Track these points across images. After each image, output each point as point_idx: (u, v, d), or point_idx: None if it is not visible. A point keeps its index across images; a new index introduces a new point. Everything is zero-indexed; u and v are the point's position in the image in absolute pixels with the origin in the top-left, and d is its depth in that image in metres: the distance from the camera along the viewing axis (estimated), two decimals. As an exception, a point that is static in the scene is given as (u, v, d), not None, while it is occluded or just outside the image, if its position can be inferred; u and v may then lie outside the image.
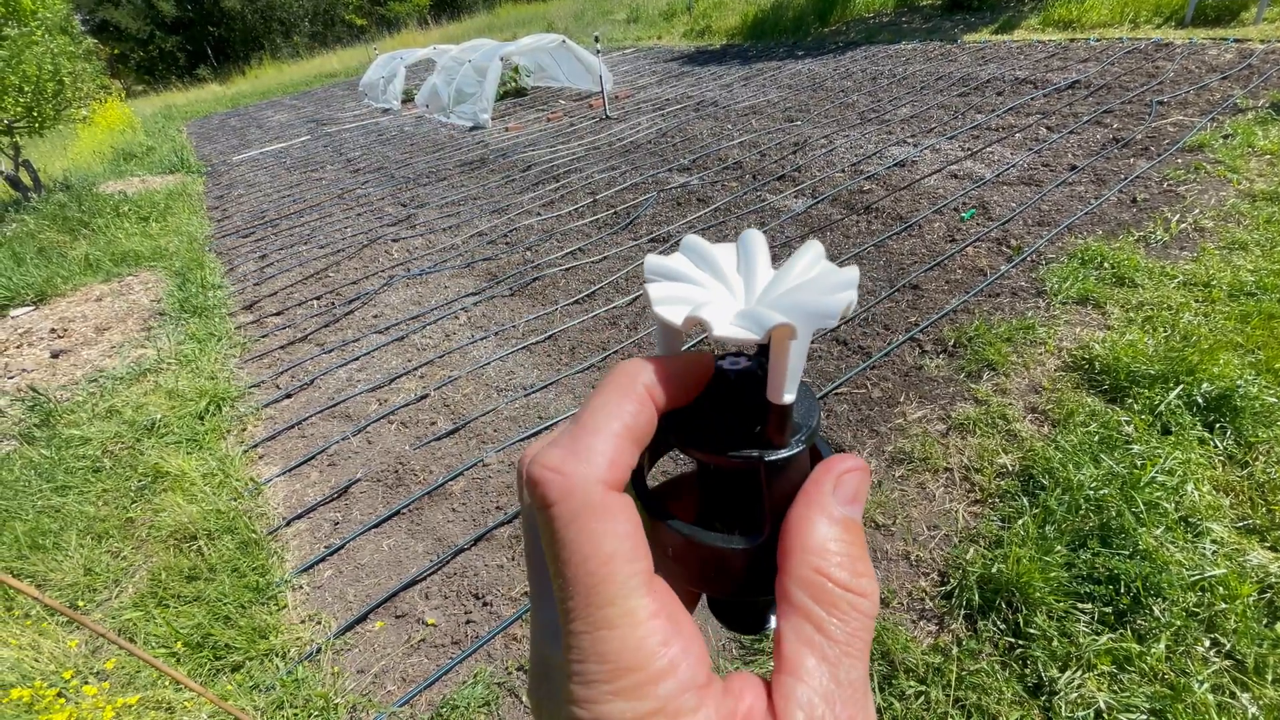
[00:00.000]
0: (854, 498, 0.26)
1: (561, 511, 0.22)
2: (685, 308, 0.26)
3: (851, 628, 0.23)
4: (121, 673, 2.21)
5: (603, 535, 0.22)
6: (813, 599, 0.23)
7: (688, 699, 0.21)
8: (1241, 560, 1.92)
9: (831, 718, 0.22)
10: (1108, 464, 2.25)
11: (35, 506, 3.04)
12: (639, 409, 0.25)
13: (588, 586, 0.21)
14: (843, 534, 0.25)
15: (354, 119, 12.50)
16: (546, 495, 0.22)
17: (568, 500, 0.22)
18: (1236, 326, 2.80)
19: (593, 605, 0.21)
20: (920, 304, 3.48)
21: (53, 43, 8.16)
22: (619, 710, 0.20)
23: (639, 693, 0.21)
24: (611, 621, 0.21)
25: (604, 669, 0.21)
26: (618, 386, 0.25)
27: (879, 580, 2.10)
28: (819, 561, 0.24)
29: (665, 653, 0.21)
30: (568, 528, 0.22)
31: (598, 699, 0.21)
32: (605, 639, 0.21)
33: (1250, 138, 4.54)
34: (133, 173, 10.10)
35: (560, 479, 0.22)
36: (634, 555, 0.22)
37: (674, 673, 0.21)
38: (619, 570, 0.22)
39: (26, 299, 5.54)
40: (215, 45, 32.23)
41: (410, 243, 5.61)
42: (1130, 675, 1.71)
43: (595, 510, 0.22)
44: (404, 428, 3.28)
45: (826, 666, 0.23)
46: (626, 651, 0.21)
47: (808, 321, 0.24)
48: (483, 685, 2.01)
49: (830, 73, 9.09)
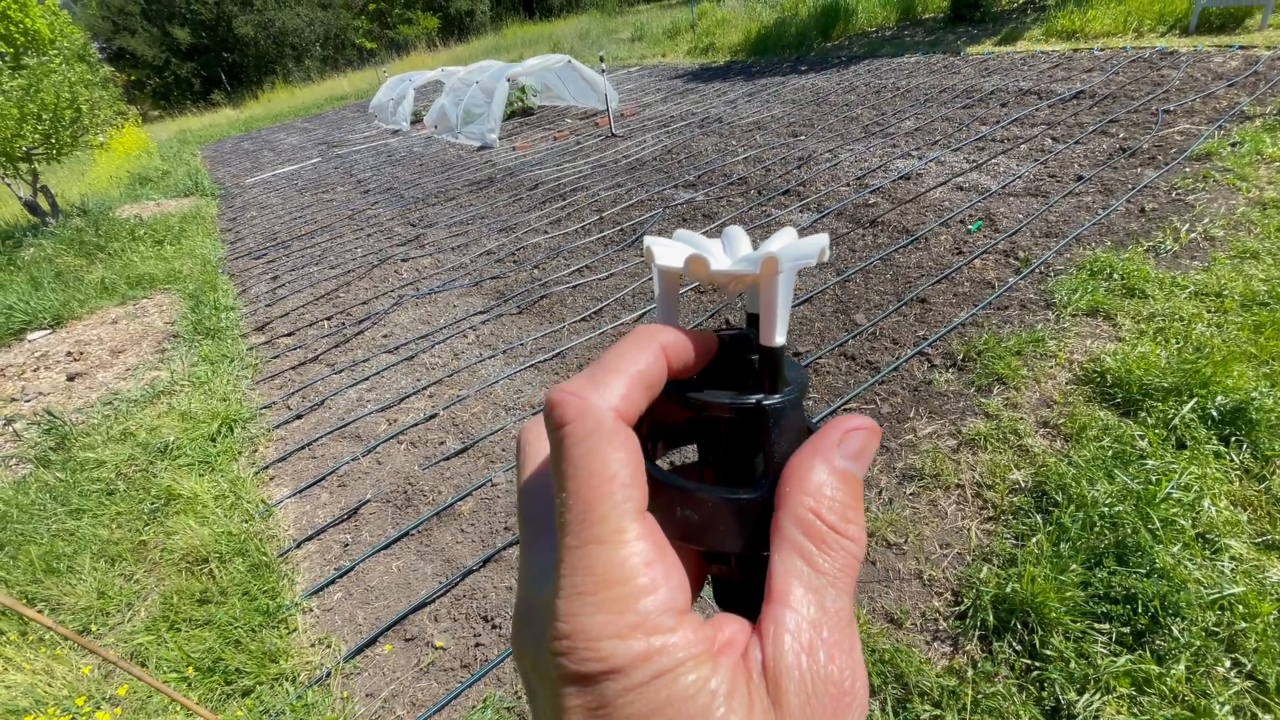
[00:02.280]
0: (858, 454, 0.26)
1: (575, 429, 0.23)
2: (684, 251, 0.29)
3: (838, 564, 0.24)
4: (134, 697, 2.21)
5: (608, 456, 0.23)
6: (804, 534, 0.24)
7: (666, 618, 0.22)
8: (1261, 577, 1.89)
9: (818, 641, 0.23)
10: (1122, 479, 2.22)
11: (50, 530, 3.07)
12: (653, 360, 0.26)
13: (587, 502, 0.22)
14: (840, 483, 0.25)
15: (364, 140, 12.69)
16: (564, 414, 0.24)
17: (582, 419, 0.23)
18: (1250, 337, 2.77)
19: (588, 521, 0.22)
20: (928, 317, 3.47)
21: (70, 71, 8.37)
22: (599, 622, 0.21)
23: (620, 605, 0.21)
24: (602, 537, 0.22)
25: (589, 581, 0.22)
26: (636, 340, 0.27)
27: (891, 598, 2.08)
28: (813, 503, 0.25)
29: (648, 573, 0.22)
30: (578, 445, 0.23)
31: (581, 611, 0.21)
32: (594, 553, 0.22)
33: (1259, 145, 4.51)
34: (148, 197, 10.29)
35: (578, 401, 0.24)
36: (632, 481, 0.23)
37: (654, 591, 0.22)
38: (616, 491, 0.23)
39: (44, 322, 5.63)
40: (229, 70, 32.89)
41: (419, 262, 5.67)
42: (1150, 697, 1.68)
43: (605, 432, 0.23)
44: (413, 448, 3.29)
45: (813, 595, 0.24)
46: (612, 566, 0.22)
47: (791, 260, 0.27)
48: (492, 710, 2.00)
49: (834, 87, 9.14)
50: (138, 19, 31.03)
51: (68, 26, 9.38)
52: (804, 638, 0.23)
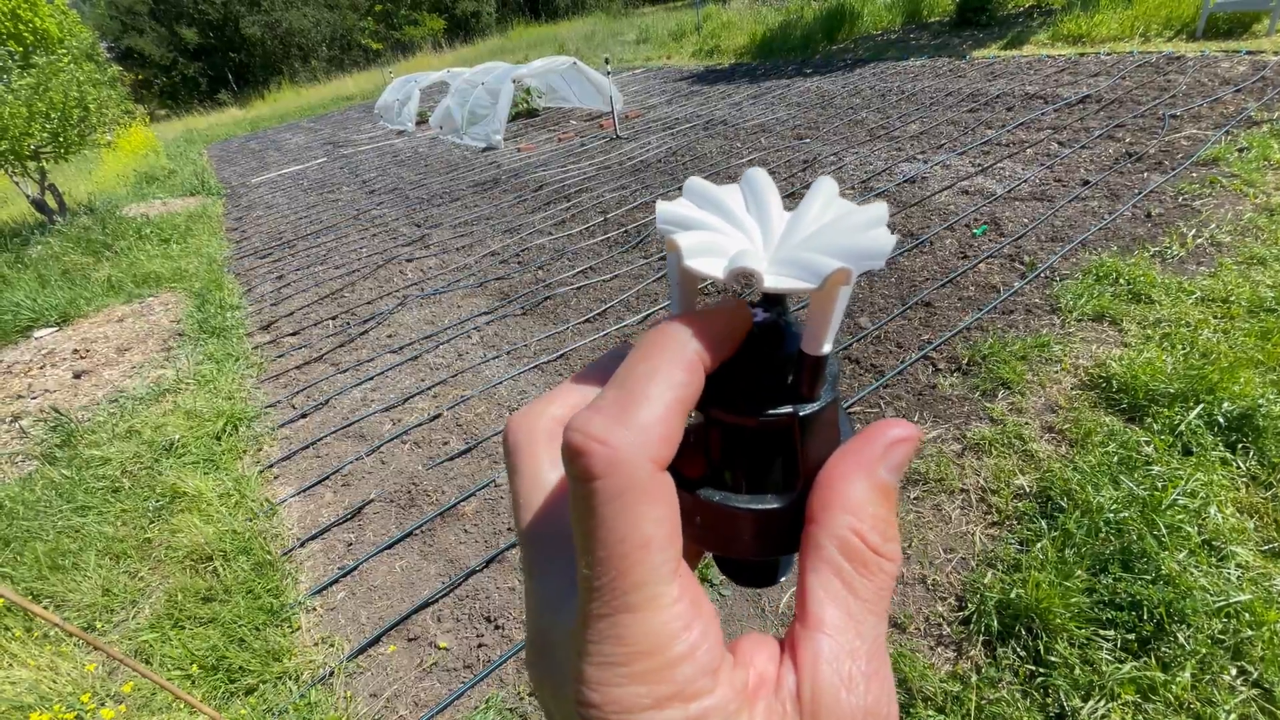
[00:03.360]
0: (899, 467, 0.25)
1: (605, 486, 0.20)
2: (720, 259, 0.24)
3: (877, 587, 0.23)
4: (139, 694, 2.22)
5: (643, 518, 0.20)
6: (844, 555, 0.23)
7: (705, 682, 0.20)
8: (1268, 585, 1.88)
9: (857, 671, 0.22)
10: (1128, 485, 2.21)
11: (55, 527, 3.08)
12: (691, 379, 0.23)
13: (619, 570, 0.20)
14: (881, 499, 0.24)
15: (369, 141, 12.73)
16: (591, 468, 0.20)
17: (613, 475, 0.20)
18: (1257, 344, 2.76)
19: (619, 589, 0.20)
20: (933, 321, 3.46)
21: (79, 70, 8.42)
22: (634, 694, 0.20)
23: (656, 677, 0.20)
24: (635, 606, 0.20)
25: (621, 652, 0.20)
26: (669, 353, 0.23)
27: (895, 603, 2.08)
28: (855, 522, 0.23)
29: (686, 638, 0.21)
30: (608, 505, 0.20)
31: (612, 681, 0.20)
32: (626, 622, 0.20)
33: (1266, 151, 4.50)
34: (154, 196, 10.34)
35: (608, 452, 0.20)
36: (669, 542, 0.21)
37: (693, 657, 0.20)
38: (653, 556, 0.21)
39: (50, 320, 5.66)
40: (236, 70, 33.04)
41: (424, 263, 5.68)
42: (1155, 705, 1.67)
43: (641, 491, 0.21)
44: (417, 448, 3.29)
45: (852, 623, 0.23)
46: (648, 636, 0.20)
47: (859, 264, 0.22)
48: (495, 711, 2.00)
49: (839, 90, 9.14)
50: (146, 19, 31.21)
51: (76, 25, 9.44)
52: (844, 670, 0.22)
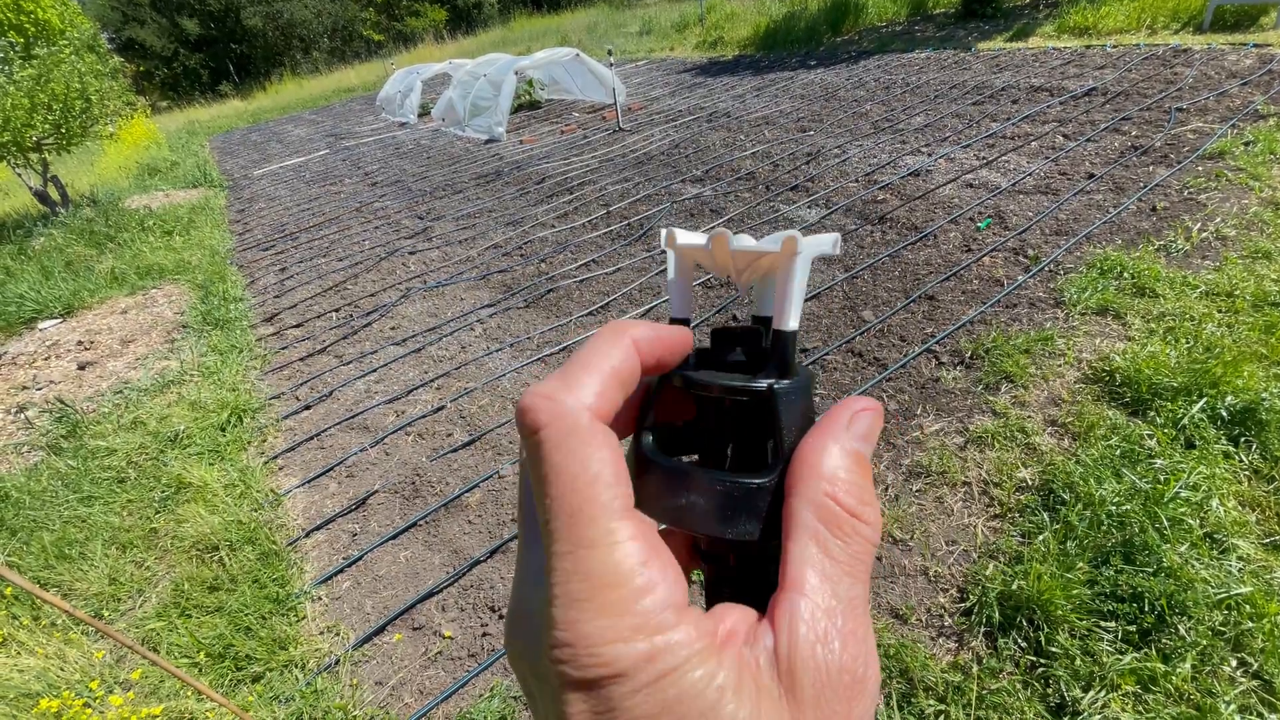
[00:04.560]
0: (866, 435, 0.27)
1: (550, 434, 0.23)
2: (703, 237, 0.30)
3: (853, 550, 0.24)
4: (146, 682, 2.24)
5: (588, 458, 0.22)
6: (820, 520, 0.24)
7: (667, 616, 0.21)
8: (1268, 578, 1.88)
9: (833, 630, 0.23)
10: (1130, 479, 2.22)
11: (62, 517, 3.10)
12: (625, 355, 0.26)
13: (572, 506, 0.22)
14: (853, 464, 0.25)
15: (371, 133, 12.70)
16: (537, 419, 0.23)
17: (557, 423, 0.23)
18: (1261, 338, 2.76)
19: (576, 525, 0.22)
20: (936, 315, 3.46)
21: (80, 62, 8.40)
22: (600, 628, 0.21)
23: (619, 608, 0.21)
24: (593, 541, 0.22)
25: (584, 587, 0.21)
26: (607, 337, 0.27)
27: (897, 594, 2.09)
28: (829, 487, 0.25)
29: (645, 572, 0.22)
30: (555, 450, 0.23)
31: (579, 618, 0.21)
32: (586, 558, 0.21)
33: (1272, 144, 4.47)
34: (157, 187, 10.33)
35: (550, 404, 0.23)
36: (616, 480, 0.23)
37: (653, 590, 0.21)
38: (602, 493, 0.22)
39: (54, 312, 5.68)
40: (237, 62, 32.93)
41: (427, 255, 5.68)
42: (1155, 696, 1.68)
43: (582, 434, 0.23)
44: (421, 439, 3.31)
45: (828, 584, 0.23)
46: (607, 569, 0.21)
47: (808, 246, 0.28)
48: (499, 699, 2.02)
49: (843, 82, 9.09)
50: (146, 10, 31.09)
51: (77, 17, 9.42)
52: (819, 627, 0.23)
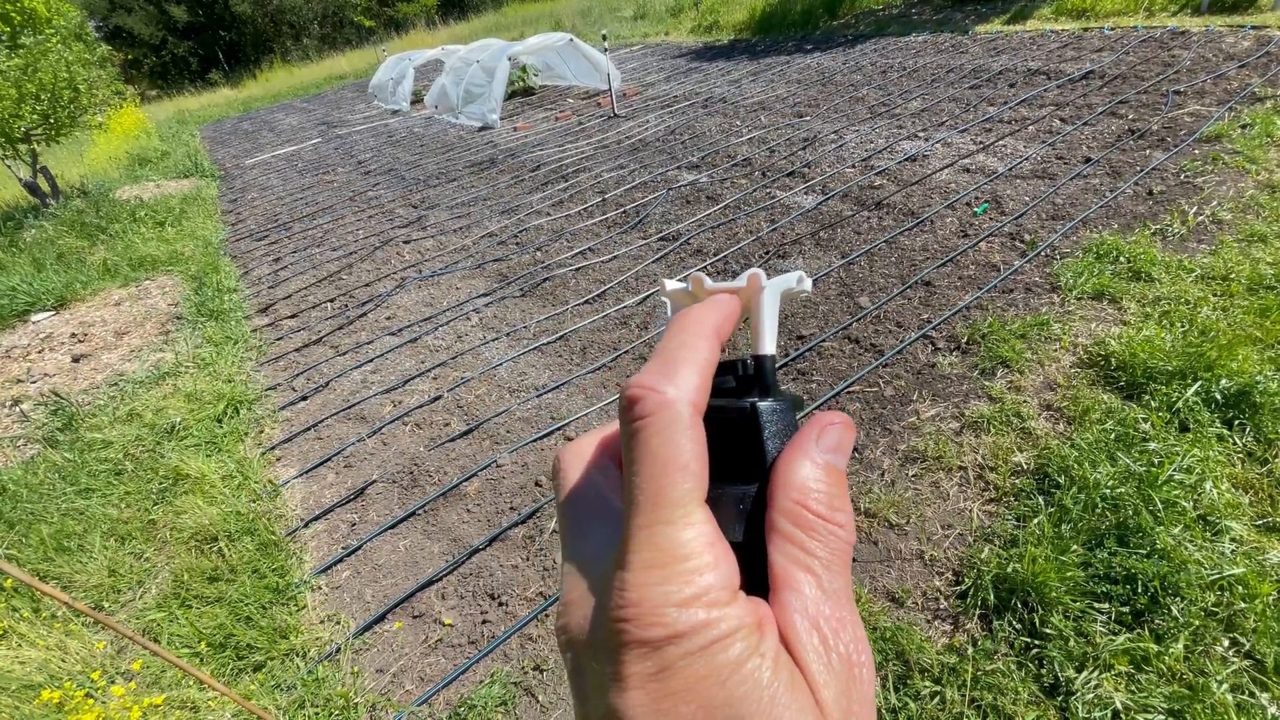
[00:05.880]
0: (836, 447, 0.28)
1: (655, 421, 0.25)
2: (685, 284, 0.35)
3: (830, 548, 0.26)
4: (148, 672, 2.25)
5: (683, 447, 0.25)
6: (793, 524, 0.26)
7: (723, 593, 0.24)
8: (1261, 559, 1.90)
9: (822, 619, 0.25)
10: (1124, 462, 2.23)
11: (60, 509, 3.10)
12: (714, 350, 0.29)
13: (660, 486, 0.24)
14: (824, 475, 0.27)
15: (364, 121, 12.58)
16: (645, 408, 0.25)
17: (662, 412, 0.25)
18: (1256, 321, 2.77)
19: (660, 504, 0.24)
20: (932, 300, 3.46)
21: (68, 51, 8.28)
22: (666, 593, 0.23)
23: (685, 579, 0.23)
24: (671, 520, 0.24)
25: (657, 556, 0.23)
26: (696, 329, 0.29)
27: (892, 578, 2.10)
28: (799, 496, 0.27)
29: (710, 552, 0.24)
30: (656, 435, 0.25)
31: (648, 581, 0.23)
32: (663, 532, 0.24)
33: (1269, 127, 4.46)
34: (148, 178, 10.24)
35: (658, 396, 0.25)
36: (700, 472, 0.25)
37: (715, 569, 0.24)
38: (687, 480, 0.24)
39: (47, 304, 5.64)
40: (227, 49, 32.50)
41: (421, 244, 5.65)
42: (1148, 675, 1.70)
43: (685, 425, 0.25)
44: (418, 429, 3.31)
45: (812, 578, 0.26)
46: (680, 545, 0.24)
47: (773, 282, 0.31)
48: (500, 685, 2.03)
49: (839, 67, 9.02)
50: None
51: (64, 5, 9.25)
52: (810, 616, 0.25)
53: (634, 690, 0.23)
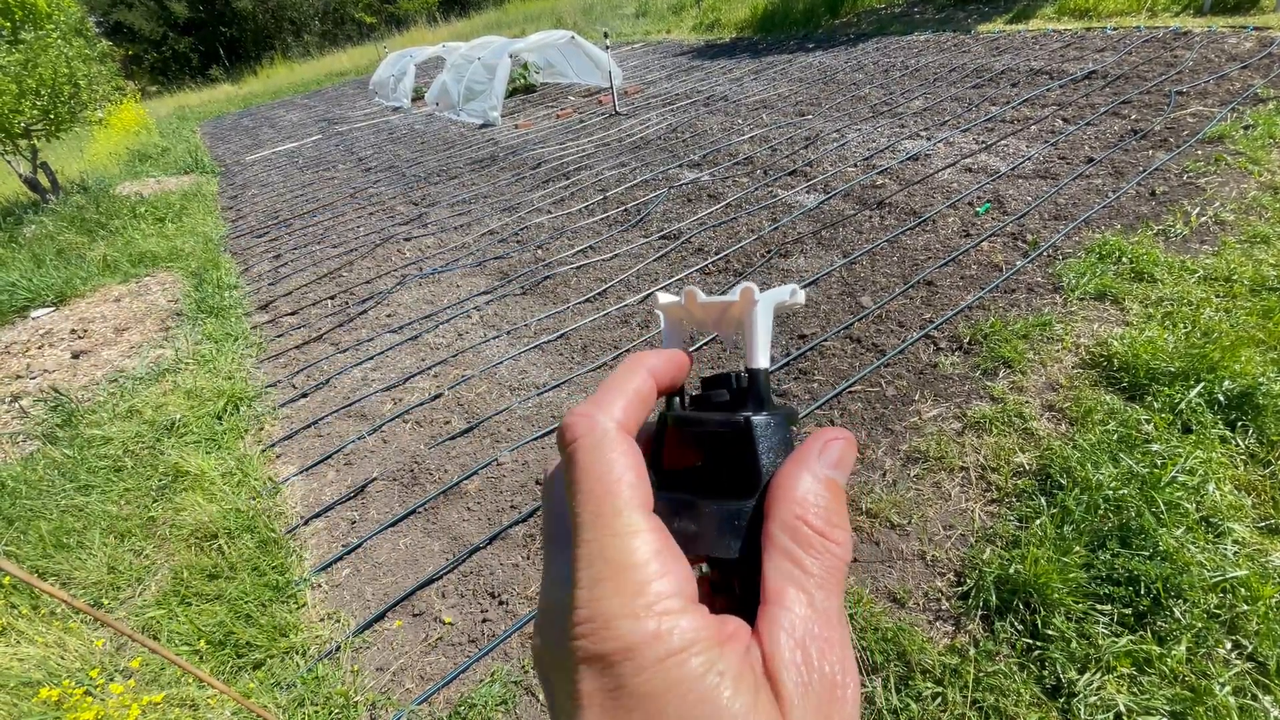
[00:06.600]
0: (838, 463, 0.29)
1: (585, 443, 0.27)
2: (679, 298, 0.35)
3: (825, 565, 0.26)
4: (147, 670, 2.25)
5: (613, 461, 0.26)
6: (791, 539, 0.26)
7: (674, 601, 0.23)
8: (1264, 561, 1.90)
9: (809, 637, 0.25)
10: (1127, 463, 2.22)
11: (59, 506, 3.10)
12: (644, 380, 0.30)
13: (598, 500, 0.25)
14: (824, 490, 0.28)
15: (365, 117, 12.56)
16: (574, 431, 0.27)
17: (590, 434, 0.27)
18: (1258, 322, 2.76)
19: (601, 517, 0.25)
20: (934, 300, 3.45)
21: (68, 46, 8.26)
22: (616, 605, 0.23)
23: (633, 589, 0.23)
24: (615, 530, 0.24)
25: (605, 569, 0.24)
26: (628, 367, 0.31)
27: (894, 578, 2.10)
28: (799, 510, 0.27)
29: (657, 560, 0.24)
30: (587, 455, 0.26)
31: (599, 595, 0.23)
32: (608, 543, 0.24)
33: (1271, 128, 4.45)
34: (148, 174, 10.22)
35: (586, 419, 0.27)
36: (637, 481, 0.26)
37: (664, 576, 0.24)
38: (624, 490, 0.25)
39: (47, 300, 5.63)
40: (227, 46, 32.44)
41: (422, 242, 5.64)
42: (1150, 677, 1.70)
43: (611, 442, 0.27)
44: (419, 427, 3.30)
45: (804, 595, 0.26)
46: (626, 554, 0.24)
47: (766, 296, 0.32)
48: (500, 684, 2.03)
49: (842, 65, 9.01)
50: (134, -8, 30.57)
51: (64, 0, 9.23)
52: (797, 634, 0.25)
53: (590, 708, 0.22)
